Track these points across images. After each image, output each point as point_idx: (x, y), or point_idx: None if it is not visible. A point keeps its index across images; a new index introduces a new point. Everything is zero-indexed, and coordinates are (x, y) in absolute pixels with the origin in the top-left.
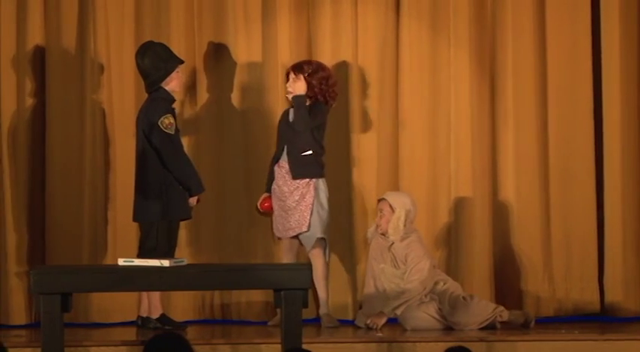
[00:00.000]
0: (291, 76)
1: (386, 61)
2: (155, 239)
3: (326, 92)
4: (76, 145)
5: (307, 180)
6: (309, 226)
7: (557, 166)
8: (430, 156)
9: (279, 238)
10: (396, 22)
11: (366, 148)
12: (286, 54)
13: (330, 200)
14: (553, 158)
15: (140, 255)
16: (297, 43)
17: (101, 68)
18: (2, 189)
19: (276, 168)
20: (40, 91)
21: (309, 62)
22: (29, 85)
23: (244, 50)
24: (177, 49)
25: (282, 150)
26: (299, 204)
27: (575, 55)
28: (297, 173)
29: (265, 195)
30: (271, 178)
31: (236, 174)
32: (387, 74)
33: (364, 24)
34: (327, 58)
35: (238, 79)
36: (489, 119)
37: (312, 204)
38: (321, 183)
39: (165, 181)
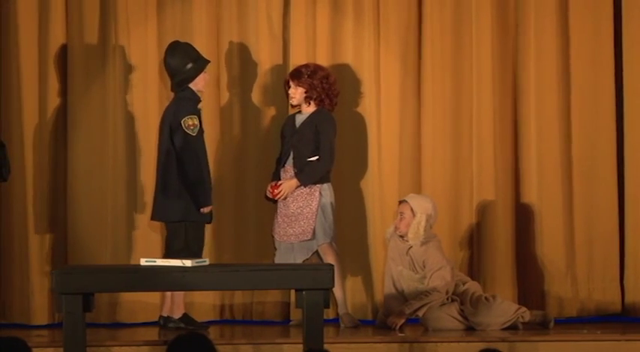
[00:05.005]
0: (291, 83)
1: (408, 63)
2: (183, 240)
3: (328, 90)
4: (99, 144)
5: (312, 185)
6: (313, 234)
7: (579, 168)
8: (452, 158)
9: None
10: (418, 24)
11: (388, 149)
12: (308, 55)
13: (350, 201)
14: (576, 160)
15: (167, 256)
16: (317, 44)
17: (124, 67)
18: (24, 189)
19: (281, 172)
20: (62, 91)
21: (305, 66)
22: (51, 85)
23: (266, 50)
24: (199, 47)
25: (288, 155)
26: (303, 210)
27: (598, 57)
28: (303, 180)
29: (272, 182)
30: (276, 180)
31: (257, 174)
32: (410, 76)
33: (386, 26)
34: (349, 59)
35: (260, 79)
36: (512, 121)
37: (317, 211)
38: (327, 187)
39: None
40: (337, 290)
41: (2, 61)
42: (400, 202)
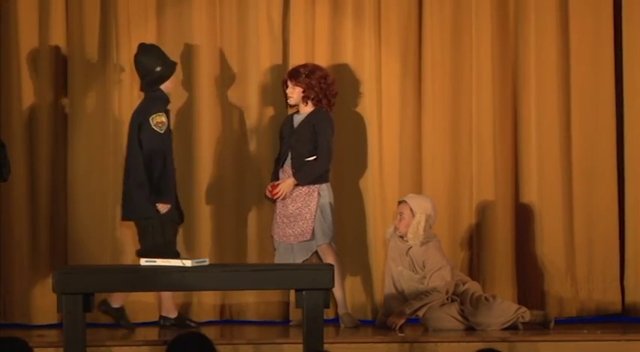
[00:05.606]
0: (289, 83)
1: (408, 63)
2: (151, 238)
3: (326, 90)
4: (98, 145)
5: (311, 185)
6: (312, 234)
7: (579, 167)
8: (452, 158)
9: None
10: (418, 24)
11: (388, 149)
12: (307, 55)
13: (350, 201)
14: (576, 160)
15: (140, 255)
16: (317, 44)
17: (123, 69)
18: (24, 189)
19: (280, 172)
20: (63, 93)
21: (304, 65)
22: (51, 87)
23: (266, 50)
24: (199, 50)
25: (286, 155)
26: (302, 211)
27: (598, 56)
28: (300, 179)
29: (272, 182)
30: (275, 180)
31: (257, 174)
32: (410, 76)
33: (386, 26)
34: (349, 59)
35: (260, 79)
36: (512, 121)
37: (316, 211)
38: (325, 188)
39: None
40: (337, 290)
41: (2, 61)
42: (400, 202)
